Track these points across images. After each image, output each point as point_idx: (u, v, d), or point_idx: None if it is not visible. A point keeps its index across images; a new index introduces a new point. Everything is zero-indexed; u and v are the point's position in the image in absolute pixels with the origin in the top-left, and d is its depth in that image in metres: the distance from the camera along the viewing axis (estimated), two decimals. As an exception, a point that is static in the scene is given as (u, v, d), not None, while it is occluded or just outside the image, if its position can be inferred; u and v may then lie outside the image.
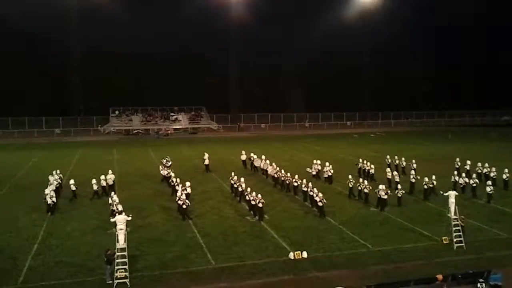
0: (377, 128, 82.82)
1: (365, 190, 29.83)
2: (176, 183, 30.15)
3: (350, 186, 30.96)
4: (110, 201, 26.50)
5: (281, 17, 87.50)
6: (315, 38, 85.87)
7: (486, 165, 35.74)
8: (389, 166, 38.22)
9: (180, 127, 75.22)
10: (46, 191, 28.19)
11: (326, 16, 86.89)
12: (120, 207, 24.44)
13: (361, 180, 31.45)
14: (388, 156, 39.97)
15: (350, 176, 31.61)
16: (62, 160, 45.46)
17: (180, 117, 76.90)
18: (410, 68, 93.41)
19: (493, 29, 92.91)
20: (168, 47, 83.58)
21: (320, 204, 26.98)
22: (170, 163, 36.58)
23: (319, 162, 37.55)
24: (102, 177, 31.91)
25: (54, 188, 29.67)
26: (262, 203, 26.26)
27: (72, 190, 30.86)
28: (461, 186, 31.73)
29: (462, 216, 23.27)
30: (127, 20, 77.35)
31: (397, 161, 38.94)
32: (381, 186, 28.82)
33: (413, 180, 32.22)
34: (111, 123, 73.34)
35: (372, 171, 35.95)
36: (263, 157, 39.52)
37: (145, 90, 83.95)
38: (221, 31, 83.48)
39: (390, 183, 32.69)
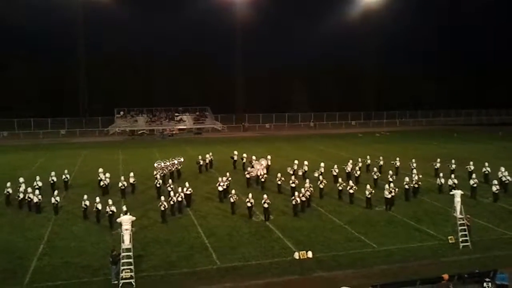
0: (382, 127, 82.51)
1: (350, 191, 29.68)
2: (169, 185, 30.05)
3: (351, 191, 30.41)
4: (82, 204, 26.67)
5: (286, 17, 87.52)
6: (319, 37, 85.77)
7: (486, 164, 35.53)
8: (368, 166, 38.16)
9: (185, 127, 75.21)
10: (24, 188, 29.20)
11: (330, 15, 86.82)
12: (113, 208, 24.91)
13: (340, 180, 31.32)
14: (368, 157, 39.76)
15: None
16: (67, 161, 45.59)
17: (184, 117, 76.91)
18: (415, 67, 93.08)
19: (497, 28, 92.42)
20: (173, 48, 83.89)
21: (293, 202, 27.08)
22: (162, 163, 36.44)
23: (306, 162, 37.25)
24: (106, 174, 32.94)
25: (37, 186, 30.71)
26: (268, 203, 26.29)
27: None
28: (451, 187, 30.26)
29: (468, 215, 23.20)
30: (132, 21, 77.65)
31: (381, 162, 38.65)
32: (386, 186, 28.84)
33: (416, 179, 32.05)
34: (116, 124, 73.48)
35: (357, 173, 35.27)
36: (269, 157, 39.39)
37: (150, 91, 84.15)
38: (226, 32, 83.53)
39: (376, 184, 32.34)
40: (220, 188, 30.52)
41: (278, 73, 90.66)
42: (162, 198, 26.65)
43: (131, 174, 33.28)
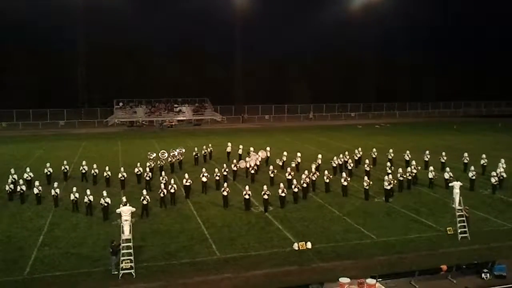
0: (382, 119, 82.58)
1: (344, 183, 29.57)
2: (162, 177, 29.74)
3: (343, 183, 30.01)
4: (72, 197, 26.52)
5: (285, 8, 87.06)
6: (319, 29, 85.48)
7: (484, 156, 35.55)
8: (359, 159, 38.03)
9: (184, 118, 75.20)
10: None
11: (330, 7, 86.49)
12: (108, 200, 25.05)
13: (326, 172, 30.94)
14: (360, 149, 39.57)
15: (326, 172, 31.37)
16: (67, 152, 45.56)
17: (184, 108, 76.82)
18: (415, 59, 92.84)
19: (497, 19, 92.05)
20: (172, 39, 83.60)
21: (282, 194, 27.05)
22: (153, 155, 36.56)
23: (299, 154, 37.29)
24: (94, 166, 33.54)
25: (28, 177, 31.06)
26: (268, 195, 26.34)
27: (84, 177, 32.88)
28: (448, 181, 29.96)
29: (467, 207, 23.27)
30: (131, 12, 77.27)
31: (375, 154, 38.58)
32: (385, 177, 28.89)
33: (415, 171, 32.13)
34: (115, 115, 73.40)
35: (350, 165, 35.06)
36: (268, 148, 39.46)
37: (149, 82, 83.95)
38: (225, 22, 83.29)
39: (369, 176, 31.68)
40: (204, 179, 30.43)
41: (277, 65, 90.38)
42: (144, 192, 26.16)
43: (138, 164, 33.47)
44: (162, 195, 27.17)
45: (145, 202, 25.47)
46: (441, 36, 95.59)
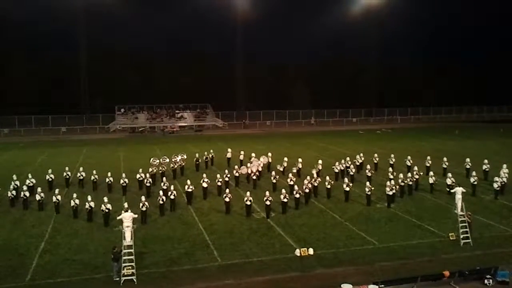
0: (383, 124, 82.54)
1: (346, 188, 29.55)
2: (163, 183, 29.74)
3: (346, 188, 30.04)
4: (72, 203, 26.43)
5: (286, 13, 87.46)
6: (320, 34, 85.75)
7: (486, 161, 35.48)
8: (361, 164, 37.96)
9: (186, 124, 75.25)
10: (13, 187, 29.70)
11: (331, 12, 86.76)
12: (109, 206, 24.96)
13: (328, 178, 30.83)
14: (361, 154, 39.48)
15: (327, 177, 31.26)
16: (69, 158, 45.56)
17: (185, 114, 76.89)
18: (416, 64, 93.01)
19: (499, 24, 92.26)
20: (173, 45, 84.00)
21: (284, 200, 26.98)
22: (157, 161, 36.66)
23: (300, 159, 37.30)
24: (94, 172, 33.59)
25: (31, 184, 30.93)
26: (270, 201, 26.29)
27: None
28: (450, 186, 30.20)
29: (469, 212, 23.22)
30: (132, 18, 77.67)
31: (376, 160, 38.48)
32: (387, 183, 28.84)
33: (417, 176, 32.10)
34: (116, 121, 73.48)
35: (352, 171, 34.89)
36: (270, 154, 39.43)
37: (150, 88, 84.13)
38: (227, 28, 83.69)
39: (371, 181, 31.71)
40: (204, 185, 30.43)
41: (279, 70, 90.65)
42: (143, 198, 26.09)
43: (140, 170, 33.42)
44: (161, 202, 27.01)
45: (144, 208, 25.36)
46: (442, 42, 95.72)
